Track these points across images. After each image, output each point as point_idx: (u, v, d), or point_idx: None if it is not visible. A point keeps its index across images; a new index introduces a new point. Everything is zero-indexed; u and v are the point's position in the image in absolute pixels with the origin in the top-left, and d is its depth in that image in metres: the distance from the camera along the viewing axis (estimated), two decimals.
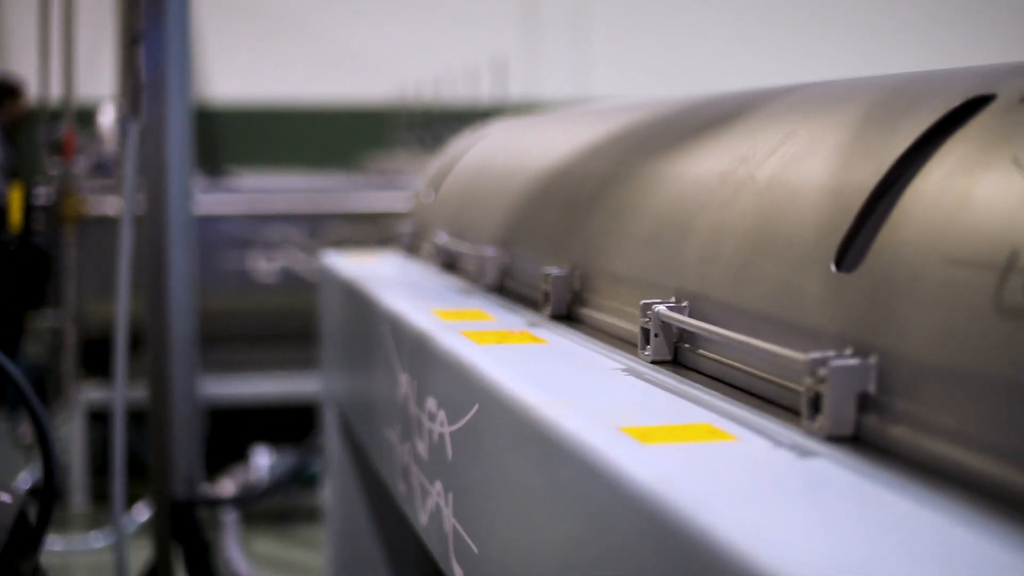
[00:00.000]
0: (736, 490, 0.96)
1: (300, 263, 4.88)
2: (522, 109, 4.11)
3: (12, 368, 1.68)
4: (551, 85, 7.28)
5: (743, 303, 1.31)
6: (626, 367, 1.44)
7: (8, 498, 1.60)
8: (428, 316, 1.87)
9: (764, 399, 1.24)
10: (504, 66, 6.49)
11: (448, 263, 2.47)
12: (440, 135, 5.65)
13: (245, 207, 5.08)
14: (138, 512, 4.25)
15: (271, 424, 5.12)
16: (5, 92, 6.48)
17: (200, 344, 4.74)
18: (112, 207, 4.68)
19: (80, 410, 4.84)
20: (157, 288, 2.95)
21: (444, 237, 2.50)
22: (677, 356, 1.44)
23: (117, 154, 4.65)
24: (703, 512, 0.90)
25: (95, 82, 5.28)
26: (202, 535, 3.02)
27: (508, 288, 2.10)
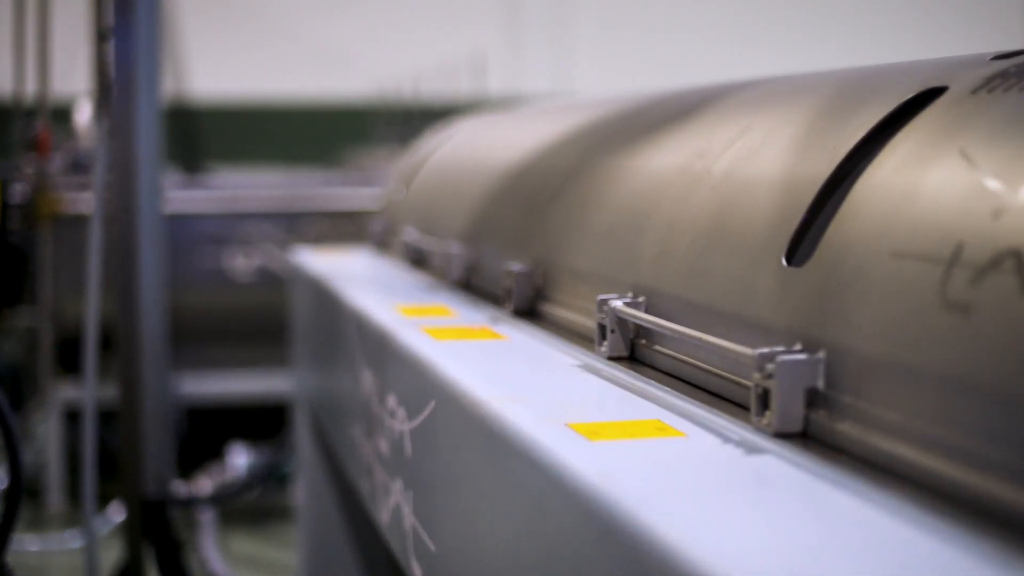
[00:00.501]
0: (679, 487, 0.95)
1: (278, 260, 4.86)
2: (502, 104, 4.10)
3: None
4: (533, 80, 7.26)
5: (698, 298, 1.30)
6: (582, 363, 1.42)
7: None
8: (390, 312, 1.86)
9: (717, 395, 1.22)
10: (484, 62, 6.47)
11: (417, 259, 2.46)
12: (420, 131, 5.64)
13: (223, 204, 5.06)
14: (113, 511, 4.23)
15: (252, 422, 5.10)
16: None
17: (178, 342, 4.73)
18: (89, 205, 4.65)
19: (56, 409, 4.81)
20: (126, 286, 2.93)
21: (413, 233, 2.49)
22: (634, 352, 1.43)
23: (93, 151, 4.62)
24: (643, 509, 0.89)
25: (71, 79, 5.25)
26: (174, 534, 3.00)
27: (474, 284, 2.09)
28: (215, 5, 7.43)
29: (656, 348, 1.37)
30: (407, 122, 6.23)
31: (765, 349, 1.07)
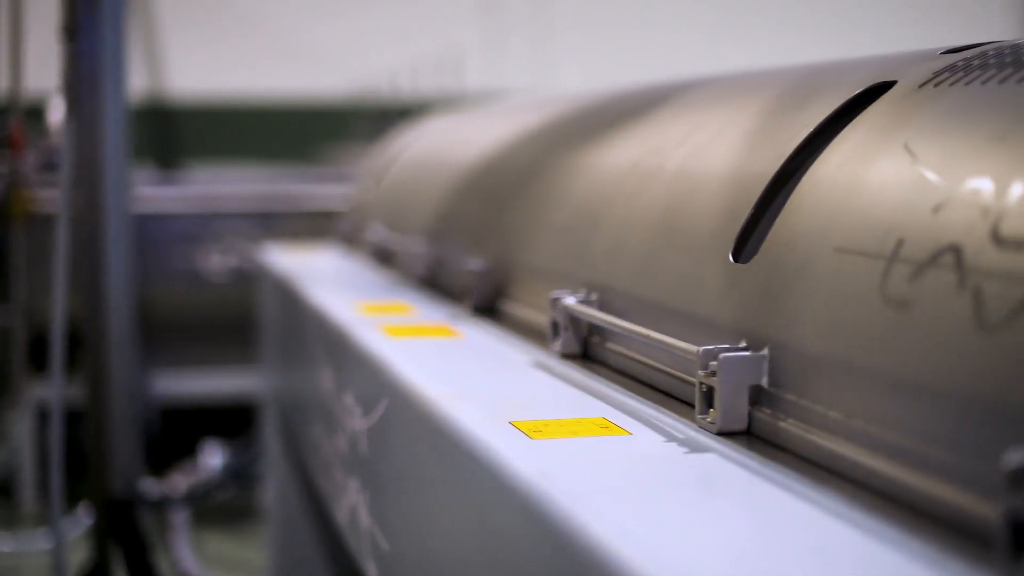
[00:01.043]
0: (617, 487, 0.93)
1: (254, 259, 4.83)
2: (480, 101, 4.08)
3: None
4: (513, 76, 7.23)
5: (649, 295, 1.29)
6: (535, 361, 1.41)
7: None
8: (350, 310, 1.84)
9: (666, 393, 1.21)
10: (462, 58, 6.45)
11: (383, 257, 2.44)
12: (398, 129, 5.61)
13: (198, 202, 5.03)
14: (84, 512, 4.20)
15: (229, 421, 5.08)
16: None
17: (154, 341, 4.70)
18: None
19: (30, 408, 4.78)
20: (93, 285, 2.91)
21: (380, 231, 2.47)
22: (588, 350, 1.41)
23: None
24: (578, 509, 0.87)
25: (46, 77, 5.22)
26: (142, 534, 2.98)
27: (438, 281, 2.07)
28: (194, 3, 7.40)
29: (608, 346, 1.36)
30: (386, 119, 6.22)
31: (709, 346, 1.05)
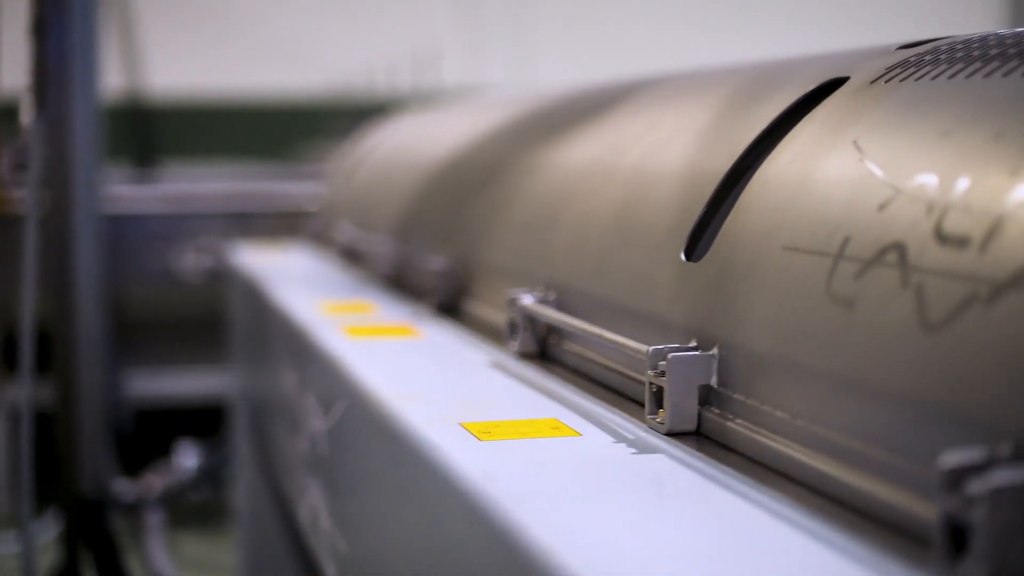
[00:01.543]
0: (562, 488, 0.92)
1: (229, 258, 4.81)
2: (456, 98, 4.06)
3: None
4: (492, 73, 7.21)
5: (605, 294, 1.28)
6: (493, 361, 1.40)
7: None
8: (313, 310, 1.83)
9: (620, 394, 1.20)
10: (440, 55, 6.44)
11: (351, 256, 2.42)
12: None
13: (174, 201, 5.01)
14: (56, 514, 4.18)
15: (206, 422, 5.05)
16: None
17: (129, 342, 4.68)
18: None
19: (3, 409, 4.75)
20: (61, 286, 2.88)
21: (348, 230, 2.46)
22: (546, 350, 1.40)
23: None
24: (520, 511, 0.86)
25: (21, 76, 5.19)
26: (112, 536, 2.96)
27: (404, 280, 2.06)
28: (173, 1, 7.38)
29: (564, 345, 1.34)
30: (364, 117, 6.19)
31: (659, 346, 1.04)
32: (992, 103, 0.89)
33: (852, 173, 0.94)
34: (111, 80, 5.03)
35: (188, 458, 4.49)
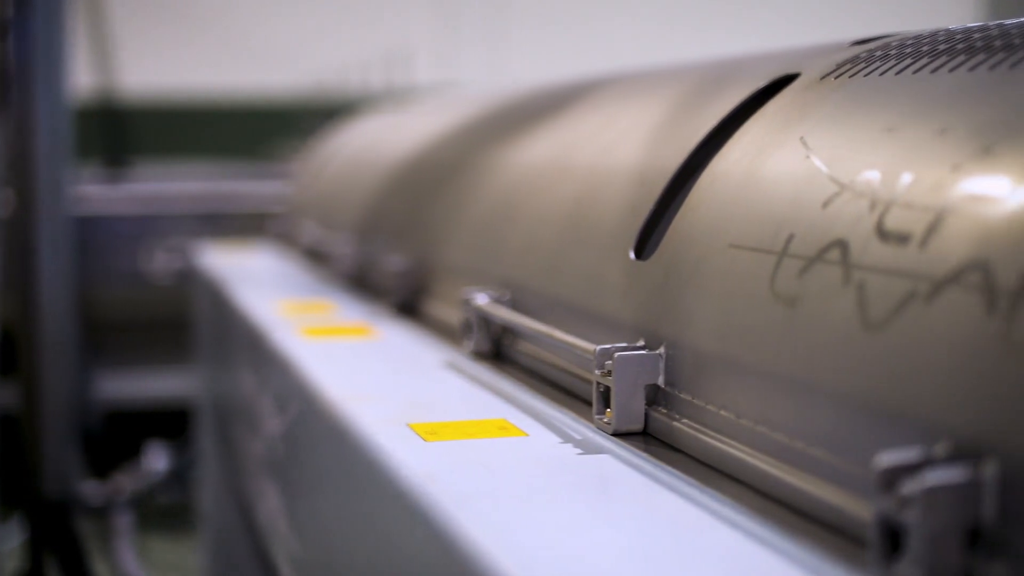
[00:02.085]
0: (504, 489, 0.91)
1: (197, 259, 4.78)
2: (426, 96, 4.04)
3: None
4: (466, 70, 7.20)
5: (558, 293, 1.27)
6: (447, 361, 1.38)
7: None
8: (272, 310, 1.81)
9: (571, 393, 1.19)
10: (414, 53, 6.42)
11: (315, 255, 2.41)
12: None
13: (145, 201, 4.98)
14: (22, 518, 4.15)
15: (179, 423, 5.02)
16: None
17: (99, 343, 4.64)
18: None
19: None
20: (25, 287, 2.86)
21: (312, 229, 2.44)
22: (500, 350, 1.39)
23: None
24: (461, 512, 0.85)
25: None
26: (77, 539, 2.94)
27: (366, 279, 2.04)
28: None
29: (517, 345, 1.33)
30: (337, 116, 6.17)
31: (606, 345, 1.03)
32: (937, 98, 0.88)
33: (798, 170, 0.93)
34: (82, 79, 5.00)
35: (157, 460, 4.46)
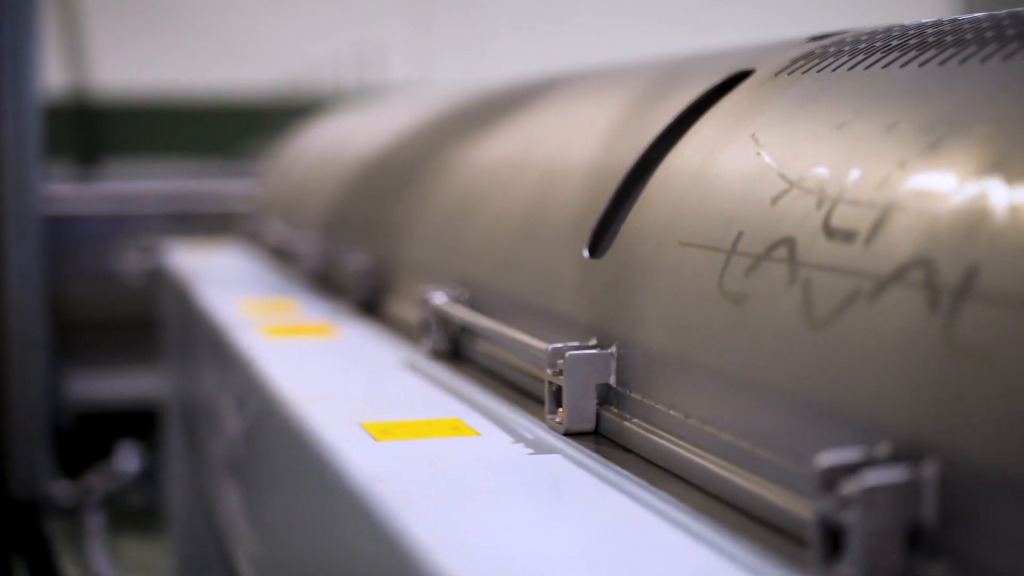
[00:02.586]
0: (452, 489, 0.90)
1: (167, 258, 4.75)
2: (398, 93, 4.03)
3: None
4: (442, 67, 7.18)
5: (514, 292, 1.26)
6: (405, 361, 1.37)
7: None
8: (234, 310, 1.80)
9: (526, 393, 1.18)
10: (389, 50, 6.40)
11: (281, 254, 2.39)
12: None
13: (117, 200, 4.95)
14: None
15: (151, 423, 4.99)
16: None
17: (71, 343, 4.61)
18: None
19: None
20: None
21: (279, 228, 2.43)
22: (459, 349, 1.38)
23: None
24: (406, 513, 0.84)
25: None
26: (46, 539, 2.92)
27: (330, 278, 2.03)
28: None
29: (475, 344, 1.32)
30: (312, 113, 6.14)
31: (558, 344, 1.02)
32: (887, 94, 0.87)
33: (749, 166, 0.93)
34: (54, 77, 4.97)
35: (129, 460, 4.44)
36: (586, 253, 1.10)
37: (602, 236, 1.10)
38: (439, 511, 0.84)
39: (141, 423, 4.93)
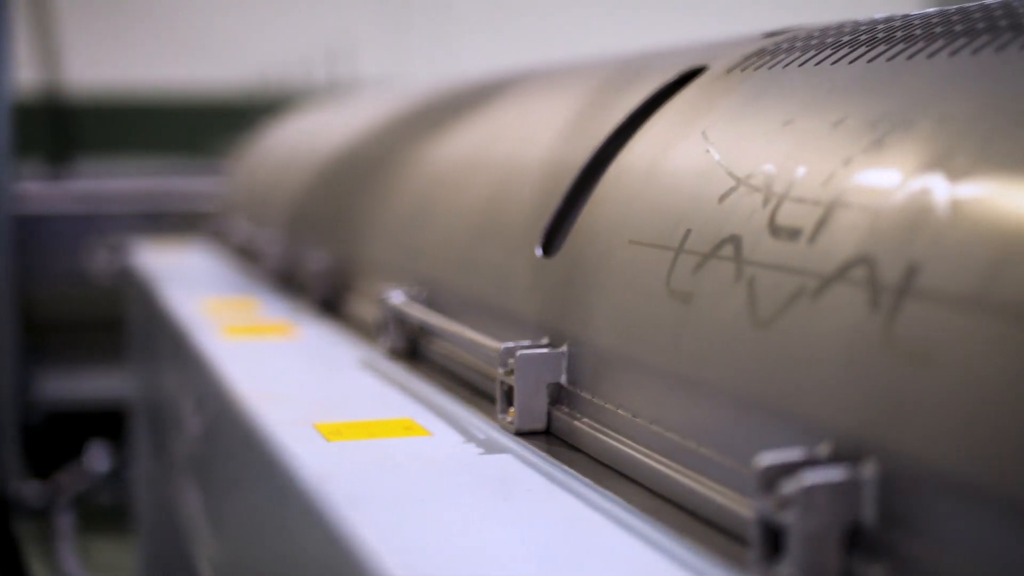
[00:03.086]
0: (400, 490, 0.89)
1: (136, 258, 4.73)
2: (366, 90, 4.01)
3: None
4: (414, 64, 7.15)
5: (470, 291, 1.25)
6: (363, 360, 1.36)
7: None
8: (194, 309, 1.79)
9: (481, 392, 1.17)
10: (362, 47, 6.38)
11: (246, 252, 2.38)
12: None
13: (87, 200, 4.93)
14: None
15: (122, 423, 4.97)
16: None
17: (42, 343, 4.59)
18: None
19: None
20: None
21: (244, 226, 2.42)
22: (417, 348, 1.37)
23: None
24: (353, 513, 0.83)
25: None
26: (14, 539, 2.90)
27: (294, 277, 2.02)
28: None
29: (431, 344, 1.31)
30: (284, 110, 6.11)
31: (510, 343, 1.01)
32: (835, 90, 0.87)
33: (698, 164, 0.92)
34: (25, 75, 4.94)
35: (99, 460, 4.42)
36: (539, 252, 1.09)
37: (555, 235, 1.10)
38: (386, 512, 0.83)
39: (112, 423, 4.91)
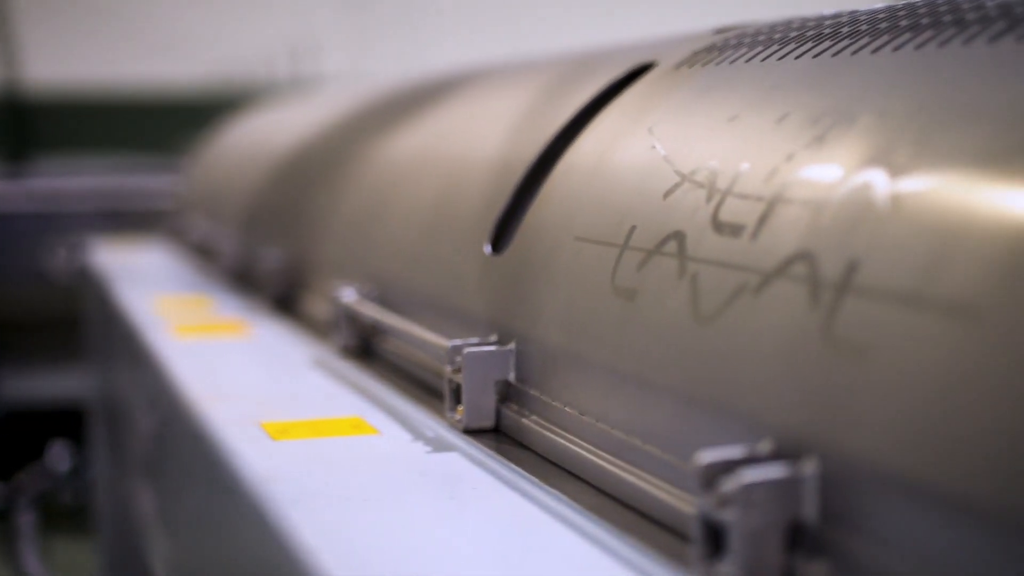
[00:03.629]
0: (344, 489, 0.88)
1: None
2: (328, 86, 4.00)
3: None
4: (379, 62, 7.14)
5: (420, 289, 1.24)
6: (315, 359, 1.35)
7: None
8: (148, 308, 1.77)
9: (431, 390, 1.16)
10: (326, 43, 6.37)
11: (203, 250, 2.37)
12: None
13: (46, 198, 4.89)
14: None
15: (83, 423, 4.94)
16: None
17: (0, 343, 4.56)
18: None
19: None
20: None
21: (201, 224, 2.40)
22: (369, 346, 1.36)
23: None
24: (293, 513, 0.82)
25: None
26: None
27: (248, 275, 2.01)
28: None
29: (383, 342, 1.31)
30: (243, 108, 6.09)
31: (458, 341, 1.01)
32: (780, 86, 0.87)
33: (644, 160, 0.92)
34: None
35: (60, 460, 4.39)
36: (488, 249, 1.09)
37: (504, 232, 1.09)
38: (329, 511, 0.83)
39: (73, 422, 4.88)
